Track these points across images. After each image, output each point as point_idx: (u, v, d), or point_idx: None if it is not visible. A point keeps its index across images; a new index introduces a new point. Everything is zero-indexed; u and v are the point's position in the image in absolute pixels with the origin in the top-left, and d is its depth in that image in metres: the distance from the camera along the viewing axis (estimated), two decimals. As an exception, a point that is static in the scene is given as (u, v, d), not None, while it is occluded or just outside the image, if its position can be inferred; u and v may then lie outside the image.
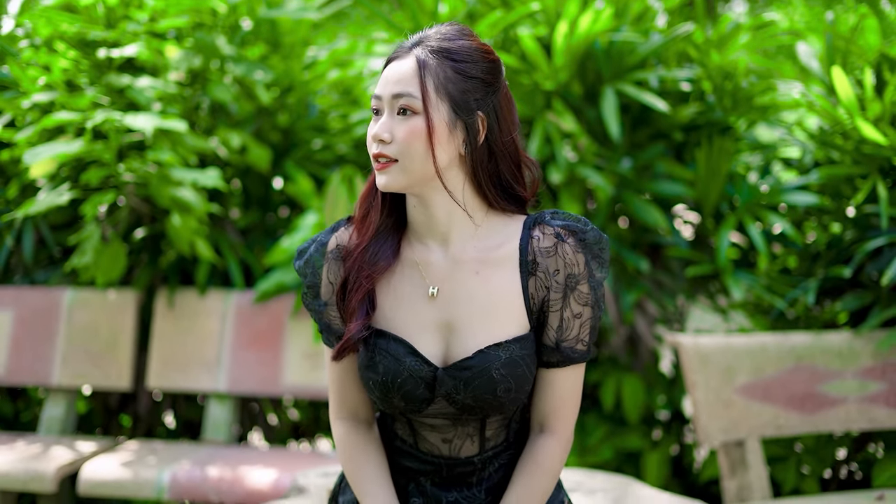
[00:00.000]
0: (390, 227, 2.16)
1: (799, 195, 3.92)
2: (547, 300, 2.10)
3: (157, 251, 4.27)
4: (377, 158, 2.04)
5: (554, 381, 2.15)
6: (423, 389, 2.07)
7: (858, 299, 3.79)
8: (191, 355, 4.19)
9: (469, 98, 2.05)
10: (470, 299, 2.09)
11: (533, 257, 2.10)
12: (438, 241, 2.13)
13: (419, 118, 2.01)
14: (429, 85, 2.02)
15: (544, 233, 2.11)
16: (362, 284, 2.10)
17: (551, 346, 2.11)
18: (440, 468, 2.15)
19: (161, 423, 4.58)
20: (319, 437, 4.81)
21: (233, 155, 4.16)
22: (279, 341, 4.16)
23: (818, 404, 3.61)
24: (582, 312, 2.11)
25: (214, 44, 3.98)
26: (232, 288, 4.29)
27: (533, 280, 2.09)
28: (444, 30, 2.09)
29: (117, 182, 3.76)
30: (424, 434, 2.16)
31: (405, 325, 2.11)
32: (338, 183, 3.95)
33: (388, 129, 2.03)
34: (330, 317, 2.18)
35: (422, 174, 2.04)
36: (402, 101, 2.01)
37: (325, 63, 4.48)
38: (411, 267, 2.14)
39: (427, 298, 2.11)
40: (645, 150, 4.08)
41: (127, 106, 3.85)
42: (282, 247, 4.00)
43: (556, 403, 2.16)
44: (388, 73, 2.06)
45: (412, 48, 2.06)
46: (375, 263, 2.11)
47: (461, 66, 2.05)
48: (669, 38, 3.96)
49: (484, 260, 2.11)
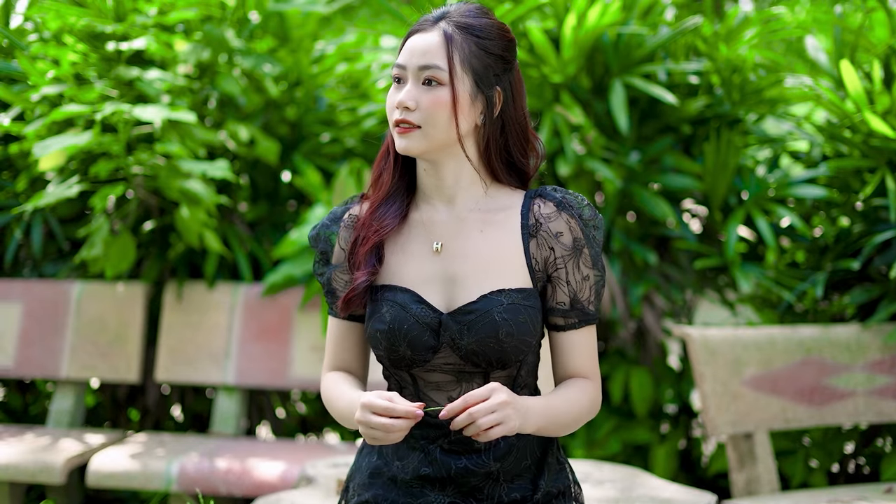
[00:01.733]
0: (401, 190, 2.25)
1: (807, 188, 3.92)
2: (552, 262, 2.19)
3: (166, 244, 4.27)
4: (399, 124, 2.11)
5: (574, 342, 2.23)
6: (429, 336, 2.14)
7: (867, 292, 3.79)
8: (199, 348, 4.20)
9: (490, 73, 2.15)
10: (473, 253, 2.18)
11: (534, 221, 2.20)
12: (444, 202, 2.23)
13: (444, 89, 2.10)
14: (455, 58, 2.10)
15: (545, 201, 2.21)
16: (370, 238, 2.19)
17: (565, 308, 2.20)
18: (448, 431, 2.17)
19: (169, 416, 4.59)
20: (327, 430, 4.81)
21: (241, 148, 4.17)
22: (287, 334, 4.16)
23: (826, 397, 3.61)
24: (589, 275, 2.20)
25: (223, 37, 3.98)
26: (240, 281, 4.29)
27: (534, 241, 2.19)
28: (467, 7, 2.17)
29: (126, 174, 3.77)
30: (430, 395, 2.21)
31: (411, 278, 2.19)
32: (346, 176, 3.96)
33: (413, 97, 2.10)
34: (337, 280, 2.27)
35: (441, 141, 2.14)
36: (428, 72, 2.09)
37: (333, 57, 4.49)
38: (418, 227, 2.23)
39: (432, 253, 2.20)
40: (653, 143, 4.08)
41: (136, 99, 3.85)
42: (290, 239, 4.01)
43: (579, 362, 2.23)
44: (413, 43, 2.13)
45: (436, 22, 2.13)
46: (383, 220, 2.21)
47: (484, 42, 2.13)
48: (678, 31, 3.96)
49: (487, 220, 2.21)
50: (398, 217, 2.23)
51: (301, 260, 4.04)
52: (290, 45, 4.41)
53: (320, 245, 2.30)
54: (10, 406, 4.61)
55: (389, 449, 2.26)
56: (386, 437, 2.03)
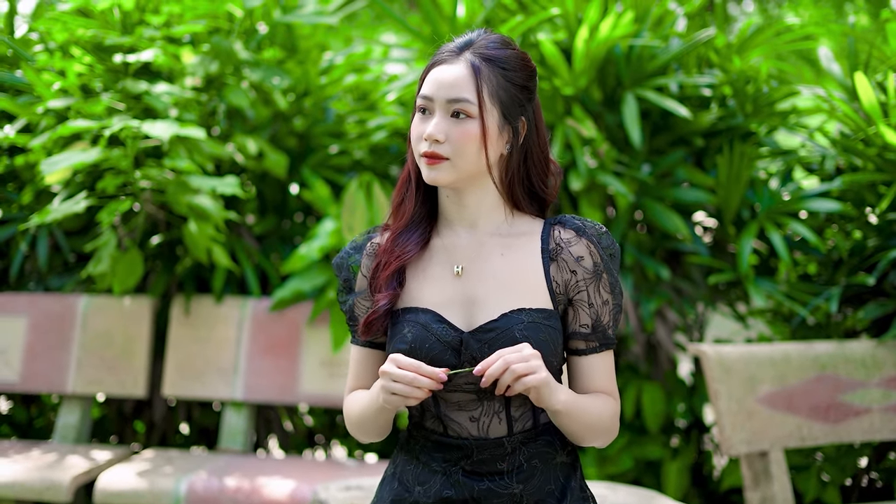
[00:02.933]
0: (423, 217, 2.27)
1: (821, 202, 3.87)
2: (574, 284, 2.19)
3: (173, 258, 4.23)
4: (428, 156, 2.13)
5: (594, 366, 2.22)
6: (450, 355, 2.13)
7: (881, 307, 3.75)
8: (207, 363, 4.16)
9: (515, 104, 2.16)
10: (494, 276, 2.19)
11: (554, 245, 2.21)
12: (466, 227, 2.24)
13: (473, 122, 2.11)
14: (484, 91, 2.11)
15: (564, 228, 2.23)
16: (391, 263, 2.20)
17: (587, 331, 2.20)
18: (470, 451, 2.18)
19: (176, 431, 4.55)
20: (335, 444, 4.77)
21: (249, 161, 4.13)
22: (296, 349, 4.12)
23: (842, 414, 3.57)
24: (608, 300, 2.21)
25: (231, 48, 3.94)
26: (248, 295, 4.25)
27: (555, 265, 2.19)
28: (489, 38, 2.17)
29: (134, 189, 3.72)
30: (453, 416, 2.20)
31: (432, 300, 2.19)
32: (355, 189, 3.92)
33: (442, 130, 2.11)
34: (360, 307, 2.27)
35: (469, 172, 2.15)
36: (458, 105, 2.10)
37: (341, 68, 4.44)
38: (439, 252, 2.24)
39: (453, 276, 2.21)
40: (665, 156, 4.04)
41: (143, 112, 3.81)
42: (299, 254, 3.97)
43: (600, 385, 2.22)
44: (439, 75, 2.12)
45: (461, 52, 2.13)
46: (405, 246, 2.22)
47: (509, 74, 2.15)
48: (692, 44, 3.92)
49: (508, 245, 2.22)
50: (420, 243, 2.24)
51: (310, 275, 4.00)
52: (297, 56, 4.37)
53: (343, 273, 2.30)
54: (15, 419, 4.57)
55: (410, 475, 2.24)
56: (407, 392, 2.04)
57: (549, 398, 2.06)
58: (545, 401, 2.06)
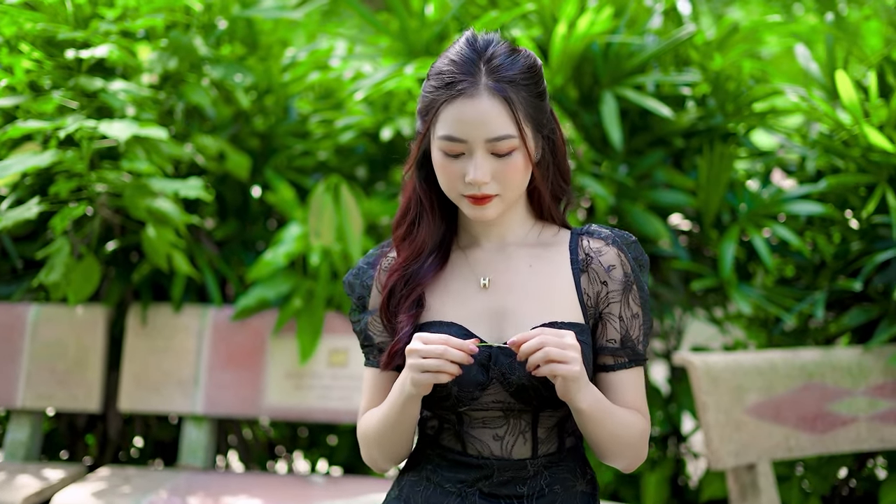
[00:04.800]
0: (441, 239, 2.16)
1: (803, 204, 3.75)
2: (604, 297, 2.08)
3: (128, 265, 4.02)
4: (477, 198, 2.02)
5: (623, 382, 2.10)
6: (478, 371, 2.01)
7: (865, 313, 3.65)
8: (165, 375, 3.95)
9: (541, 113, 2.05)
10: (523, 288, 2.08)
11: (584, 256, 2.10)
12: (492, 241, 2.14)
13: (517, 153, 1.99)
14: (521, 119, 1.98)
15: (593, 238, 2.12)
16: (411, 293, 2.09)
17: (615, 346, 2.09)
18: (490, 472, 2.06)
19: (131, 444, 4.33)
20: (297, 455, 4.59)
21: (210, 162, 3.93)
22: (260, 360, 3.93)
23: (829, 424, 3.47)
24: (639, 314, 2.10)
25: (191, 44, 3.74)
26: (209, 304, 4.05)
27: (585, 277, 2.09)
28: (498, 50, 2.03)
29: (90, 193, 3.51)
30: (474, 433, 2.08)
31: (457, 315, 2.08)
32: (322, 192, 3.74)
33: (487, 172, 1.99)
34: (372, 327, 2.16)
35: (516, 199, 2.07)
36: (501, 143, 1.98)
37: (304, 65, 4.25)
38: (461, 266, 2.13)
39: (478, 289, 2.10)
40: (644, 156, 3.90)
41: (97, 111, 3.60)
42: (265, 260, 3.78)
43: (629, 403, 2.10)
44: (467, 114, 1.97)
45: (476, 79, 1.98)
46: (423, 272, 2.11)
47: (531, 86, 2.03)
48: (672, 41, 3.78)
49: (536, 255, 2.11)
50: (439, 265, 2.12)
51: (275, 282, 3.81)
52: (259, 53, 4.17)
53: (357, 291, 2.18)
54: (-42, 434, 4.33)
55: (419, 497, 2.12)
56: (438, 367, 1.90)
57: (575, 394, 1.92)
58: (571, 396, 1.92)
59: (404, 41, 4.02)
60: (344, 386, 3.88)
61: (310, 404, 3.87)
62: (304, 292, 3.82)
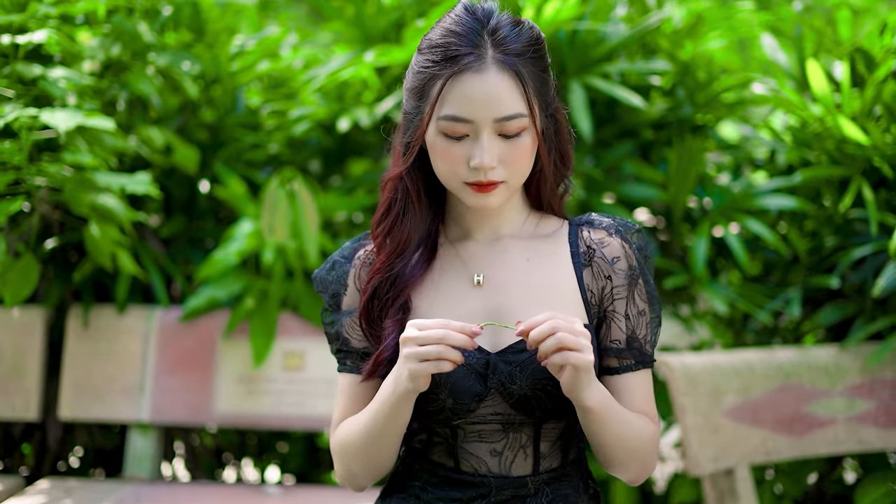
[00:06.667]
0: (427, 233, 1.96)
1: (775, 198, 3.62)
2: (608, 293, 1.90)
3: (68, 264, 3.78)
4: (483, 185, 1.82)
5: (630, 386, 1.92)
6: (475, 381, 1.83)
7: (839, 311, 3.54)
8: (108, 381, 3.71)
9: (548, 94, 1.87)
10: (521, 285, 1.89)
11: (585, 248, 1.92)
12: (486, 233, 1.95)
13: (526, 134, 1.81)
14: (531, 96, 1.80)
15: (594, 228, 1.95)
16: (397, 296, 1.89)
17: (620, 346, 1.91)
18: (487, 490, 1.88)
19: (71, 454, 4.09)
20: (246, 463, 4.38)
21: (155, 155, 3.70)
22: (210, 364, 3.71)
23: (806, 426, 3.35)
24: (645, 310, 1.92)
25: (135, 30, 3.52)
26: (155, 304, 3.82)
27: (588, 271, 1.91)
28: (504, 20, 1.86)
29: (29, 187, 3.27)
30: (470, 448, 1.89)
31: (449, 317, 1.85)
32: (276, 187, 3.54)
33: (495, 156, 1.80)
34: (350, 330, 1.95)
35: (519, 186, 1.89)
36: (511, 123, 1.79)
37: (254, 53, 4.04)
38: (451, 261, 1.94)
39: (471, 287, 1.91)
40: (612, 149, 3.75)
41: (34, 100, 3.36)
42: (216, 258, 3.57)
43: (636, 407, 1.92)
44: (474, 90, 1.78)
45: (481, 52, 1.80)
46: (409, 270, 1.91)
47: (539, 63, 1.85)
48: (642, 27, 3.64)
49: (533, 248, 1.93)
50: (426, 261, 1.92)
51: (226, 281, 3.61)
52: (206, 40, 3.95)
53: (331, 288, 1.96)
54: None
55: None
56: (438, 353, 1.70)
57: (584, 388, 1.73)
58: (579, 390, 1.73)
59: (360, 28, 3.85)
60: (299, 391, 3.68)
61: (263, 410, 3.67)
62: (257, 292, 3.63)
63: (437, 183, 1.93)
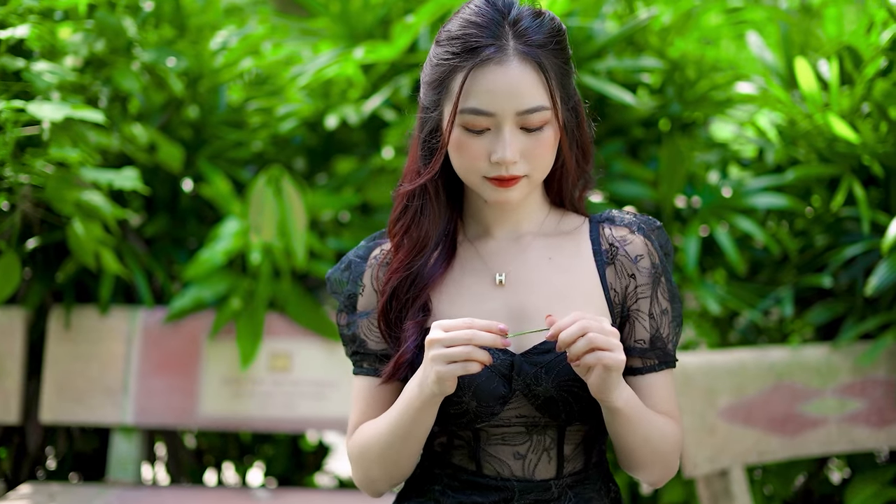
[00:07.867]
0: (447, 232, 1.92)
1: (766, 197, 3.61)
2: (632, 292, 1.88)
3: (50, 264, 3.70)
4: (505, 180, 1.79)
5: (653, 386, 1.89)
6: (499, 383, 1.79)
7: (829, 310, 3.52)
8: (91, 383, 3.64)
9: (570, 86, 1.86)
10: (544, 284, 1.86)
11: (608, 246, 1.90)
12: (506, 231, 1.91)
13: (549, 128, 1.79)
14: (554, 90, 1.78)
15: (615, 225, 1.94)
16: (421, 294, 1.85)
17: (644, 346, 1.88)
18: (511, 494, 1.84)
19: (48, 458, 4.00)
20: (228, 466, 4.32)
21: (139, 153, 3.63)
22: (195, 365, 3.65)
23: (799, 426, 3.35)
24: (668, 309, 1.91)
25: (120, 25, 3.45)
26: (138, 305, 3.75)
27: (611, 269, 1.89)
28: (525, 11, 1.83)
29: (12, 184, 3.19)
30: (492, 451, 1.85)
31: (470, 317, 1.77)
32: (263, 185, 3.48)
33: (518, 150, 1.77)
34: (367, 332, 1.90)
35: (542, 180, 1.87)
36: (533, 116, 1.76)
37: (237, 50, 3.97)
38: (471, 260, 1.91)
39: (493, 286, 1.87)
40: (601, 147, 3.72)
41: (16, 95, 3.29)
42: (202, 258, 3.51)
43: (659, 409, 1.90)
44: (497, 83, 1.75)
45: (502, 42, 1.76)
46: (428, 270, 1.87)
47: (561, 54, 1.83)
48: (632, 25, 3.61)
49: (555, 246, 1.90)
50: (446, 259, 1.89)
51: (212, 281, 3.54)
52: (188, 36, 3.88)
53: (347, 288, 1.92)
54: None
55: None
56: (466, 354, 1.65)
57: (614, 389, 1.71)
58: (609, 391, 1.70)
59: (346, 24, 3.80)
60: (286, 392, 3.62)
61: (249, 412, 3.61)
62: (244, 292, 3.57)
63: (455, 179, 1.89)
